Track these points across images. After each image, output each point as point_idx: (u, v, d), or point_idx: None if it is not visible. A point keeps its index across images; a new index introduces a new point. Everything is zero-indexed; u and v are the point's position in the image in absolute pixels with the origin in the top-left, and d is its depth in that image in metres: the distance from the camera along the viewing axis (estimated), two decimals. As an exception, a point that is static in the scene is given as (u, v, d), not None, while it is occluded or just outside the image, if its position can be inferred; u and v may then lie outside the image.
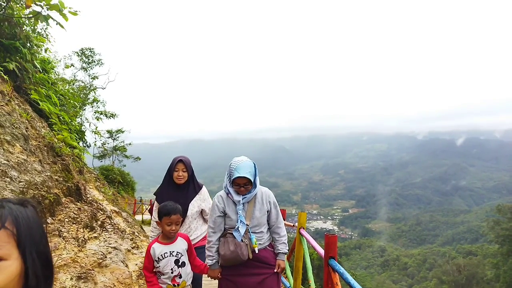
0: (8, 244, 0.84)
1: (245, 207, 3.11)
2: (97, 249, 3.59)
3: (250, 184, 3.05)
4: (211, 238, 3.16)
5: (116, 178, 19.31)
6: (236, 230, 3.06)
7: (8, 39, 5.38)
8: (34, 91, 5.53)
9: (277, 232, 3.21)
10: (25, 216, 0.91)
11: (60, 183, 3.95)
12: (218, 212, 3.14)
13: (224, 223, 3.17)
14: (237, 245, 3.00)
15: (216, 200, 3.18)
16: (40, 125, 4.85)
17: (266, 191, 3.25)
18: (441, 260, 57.12)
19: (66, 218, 3.60)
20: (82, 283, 3.07)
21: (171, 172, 3.68)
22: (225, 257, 3.04)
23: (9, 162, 3.28)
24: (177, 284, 2.98)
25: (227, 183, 3.14)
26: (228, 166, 3.14)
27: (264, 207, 3.15)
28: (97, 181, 6.57)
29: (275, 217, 3.21)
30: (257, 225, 3.12)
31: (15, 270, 0.84)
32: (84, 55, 23.36)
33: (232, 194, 3.10)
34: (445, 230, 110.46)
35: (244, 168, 3.01)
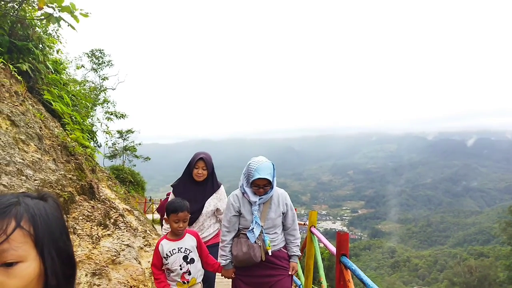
0: (24, 244, 0.78)
1: (260, 208, 3.07)
2: (110, 246, 3.64)
3: (269, 185, 3.01)
4: (225, 237, 3.14)
5: (127, 177, 19.48)
6: (250, 231, 3.03)
7: (21, 41, 5.46)
8: (47, 91, 5.61)
9: (292, 235, 3.17)
10: (43, 212, 0.84)
11: (74, 182, 4.01)
12: (233, 212, 3.11)
13: (239, 223, 3.13)
14: (250, 247, 2.97)
15: (231, 199, 3.16)
16: (53, 125, 4.93)
17: (283, 193, 3.21)
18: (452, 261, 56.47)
19: (80, 216, 3.66)
20: (97, 279, 3.12)
21: (191, 168, 3.63)
22: (237, 258, 3.02)
23: (24, 160, 3.34)
24: (186, 281, 2.98)
25: (244, 183, 3.10)
26: (246, 166, 3.10)
27: (279, 208, 3.11)
28: (109, 180, 6.64)
29: (292, 219, 3.18)
30: (272, 226, 3.09)
31: (33, 272, 0.79)
32: (94, 56, 23.62)
33: (248, 194, 3.06)
34: (456, 232, 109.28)
35: (264, 169, 2.98)
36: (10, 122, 3.64)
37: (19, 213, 0.80)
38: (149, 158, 27.78)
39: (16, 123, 3.69)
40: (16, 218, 0.79)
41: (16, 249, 0.76)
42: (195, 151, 3.85)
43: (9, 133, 3.48)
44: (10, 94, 4.09)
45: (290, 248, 3.17)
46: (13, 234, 0.77)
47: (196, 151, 3.82)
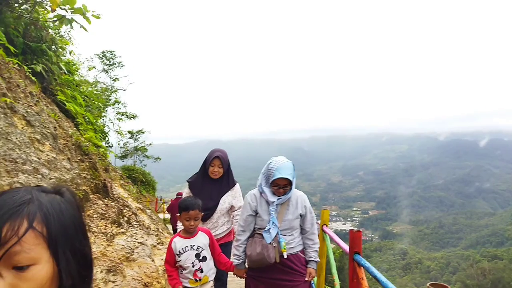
0: (37, 246, 0.73)
1: (277, 209, 3.00)
2: (124, 244, 3.68)
3: (289, 186, 2.95)
4: (240, 237, 3.09)
5: (138, 177, 19.66)
6: (266, 231, 2.95)
7: (34, 42, 5.54)
8: (61, 92, 5.69)
9: (310, 239, 3.07)
10: (58, 210, 0.79)
11: (88, 181, 4.07)
12: (250, 211, 3.06)
13: (255, 223, 3.08)
14: (264, 247, 2.90)
15: (248, 198, 3.11)
16: (67, 125, 5.00)
17: (302, 195, 3.13)
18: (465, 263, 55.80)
19: (94, 214, 3.71)
20: (112, 276, 3.16)
21: (207, 166, 3.63)
22: (251, 258, 2.96)
23: (40, 159, 3.40)
24: (198, 279, 2.99)
25: (263, 183, 3.06)
26: (266, 165, 3.05)
27: (297, 210, 3.03)
28: (122, 180, 6.72)
29: (311, 222, 3.09)
30: (289, 228, 3.01)
31: (47, 274, 0.74)
32: (105, 58, 23.88)
33: (266, 194, 3.00)
34: (468, 233, 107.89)
35: (285, 169, 2.91)
36: (26, 122, 3.70)
37: (32, 213, 0.75)
38: (160, 158, 27.99)
39: (32, 123, 3.75)
40: (28, 218, 0.74)
41: (29, 252, 0.72)
42: (205, 151, 3.85)
43: (25, 133, 3.54)
44: (25, 95, 4.16)
45: (308, 253, 3.07)
46: (25, 236, 0.72)
47: (206, 151, 3.82)
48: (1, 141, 3.04)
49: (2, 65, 3.94)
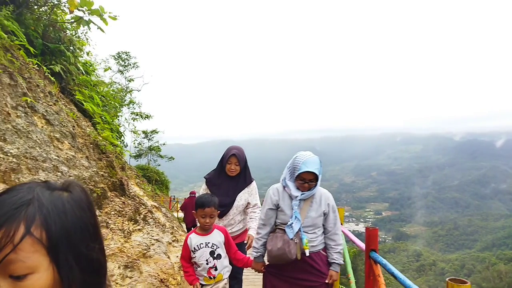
0: (34, 253, 0.66)
1: (300, 204, 2.91)
2: (141, 241, 3.75)
3: (315, 182, 2.87)
4: (260, 230, 3.05)
5: (153, 176, 19.88)
6: (289, 226, 2.86)
7: (53, 43, 5.65)
8: (78, 92, 5.81)
9: (333, 239, 2.96)
10: (61, 211, 0.71)
11: (106, 178, 4.15)
12: (271, 205, 3.00)
13: (276, 217, 3.02)
14: (286, 242, 2.81)
15: (270, 192, 3.05)
16: (85, 124, 5.10)
17: (326, 193, 3.05)
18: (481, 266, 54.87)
19: (112, 211, 3.79)
20: (129, 272, 3.23)
21: (224, 163, 3.65)
22: (271, 253, 2.89)
23: (59, 158, 3.48)
24: (213, 277, 2.99)
25: (287, 176, 2.98)
26: (292, 159, 2.95)
27: (321, 208, 2.94)
28: (137, 178, 6.82)
29: (333, 222, 2.98)
30: (311, 225, 2.91)
31: (46, 283, 0.67)
32: (121, 59, 24.19)
33: (290, 188, 2.93)
34: (484, 235, 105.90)
35: (312, 163, 2.82)
36: (45, 121, 3.80)
37: (30, 216, 0.67)
38: (173, 158, 28.20)
39: (51, 122, 3.84)
40: (26, 222, 0.66)
41: (25, 260, 0.65)
42: (217, 151, 3.88)
43: (45, 131, 3.64)
44: (44, 94, 4.27)
45: (330, 254, 2.96)
46: (21, 243, 0.65)
47: (218, 151, 3.85)
48: (22, 139, 3.13)
49: (22, 65, 4.05)
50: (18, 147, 3.00)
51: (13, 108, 3.29)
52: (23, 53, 4.31)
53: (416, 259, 77.70)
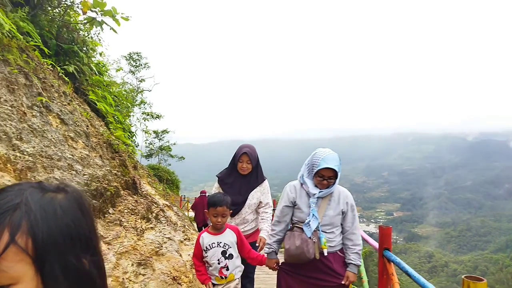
0: (18, 263, 0.61)
1: (318, 203, 2.84)
2: (153, 239, 3.79)
3: (334, 179, 2.80)
4: (274, 227, 3.01)
5: (164, 175, 20.03)
6: (306, 224, 2.79)
7: (66, 44, 5.73)
8: (92, 92, 5.88)
9: (350, 239, 2.87)
10: (51, 216, 0.66)
11: (119, 177, 4.20)
12: (288, 202, 2.95)
13: (292, 214, 2.96)
14: (304, 241, 2.74)
15: (287, 189, 2.99)
16: (98, 123, 5.17)
17: (345, 191, 2.96)
18: (494, 267, 54.08)
19: (125, 209, 3.84)
20: (142, 269, 3.27)
21: (236, 162, 3.65)
22: (289, 252, 2.82)
23: (74, 156, 3.54)
24: (224, 276, 2.97)
25: (305, 173, 2.92)
26: (311, 156, 2.89)
27: (339, 206, 2.86)
28: (149, 177, 6.88)
29: (351, 221, 2.88)
30: (329, 224, 2.84)
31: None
32: (132, 59, 24.41)
33: (308, 185, 2.86)
34: (498, 236, 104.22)
35: (332, 160, 2.75)
36: (60, 120, 3.86)
37: (15, 223, 0.62)
38: (184, 158, 28.35)
39: (65, 121, 3.91)
40: (10, 229, 0.61)
41: (8, 270, 0.60)
42: (227, 151, 3.87)
43: (59, 131, 3.70)
44: (59, 94, 4.34)
45: (347, 254, 2.87)
46: (5, 253, 0.60)
47: (228, 151, 3.85)
48: (37, 138, 3.19)
49: (37, 66, 4.12)
50: (34, 146, 3.06)
51: (29, 107, 3.36)
52: (38, 54, 4.39)
53: (428, 260, 76.89)
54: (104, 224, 3.42)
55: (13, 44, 3.65)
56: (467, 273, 64.98)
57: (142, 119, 22.59)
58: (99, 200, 3.48)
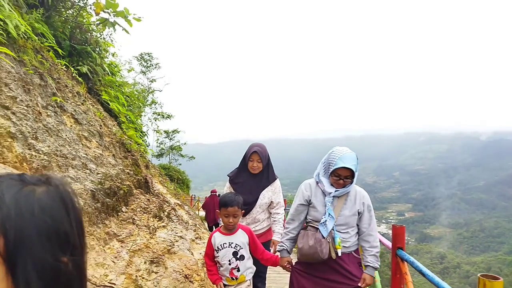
0: None
1: (334, 202, 2.79)
2: (166, 237, 3.83)
3: (350, 179, 2.74)
4: (288, 225, 2.96)
5: (175, 175, 20.18)
6: (322, 223, 2.74)
7: (80, 45, 5.82)
8: (104, 92, 5.96)
9: (367, 241, 2.81)
10: (27, 212, 0.60)
11: (131, 176, 4.25)
12: (302, 200, 2.90)
13: (307, 213, 2.92)
14: (317, 241, 2.69)
15: (302, 187, 2.94)
16: (111, 123, 5.23)
17: (362, 191, 2.91)
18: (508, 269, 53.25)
19: (138, 208, 3.89)
20: (155, 267, 3.31)
21: (246, 161, 3.62)
22: (302, 251, 2.77)
23: (88, 155, 3.59)
24: (235, 278, 2.95)
25: (321, 172, 2.86)
26: (327, 154, 2.83)
27: (355, 206, 2.80)
28: (160, 177, 6.95)
29: (368, 222, 2.83)
30: (344, 224, 2.78)
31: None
32: (143, 60, 24.62)
33: (324, 184, 2.80)
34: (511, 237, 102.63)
35: (349, 159, 2.68)
36: (74, 120, 3.93)
37: None
38: (194, 157, 28.50)
39: (79, 121, 3.97)
40: None
41: None
42: (237, 151, 3.82)
43: (73, 130, 3.76)
44: (73, 94, 4.40)
45: (364, 256, 2.83)
46: None
47: (239, 151, 3.82)
48: (52, 137, 3.25)
49: (52, 66, 4.19)
50: (49, 145, 3.12)
51: (44, 107, 3.42)
52: (52, 55, 4.46)
53: (440, 261, 76.02)
54: (117, 222, 3.47)
55: (29, 45, 3.72)
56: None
57: (153, 119, 22.81)
58: (113, 199, 3.53)
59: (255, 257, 3.12)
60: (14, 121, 2.85)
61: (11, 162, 2.66)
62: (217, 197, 11.65)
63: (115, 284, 2.86)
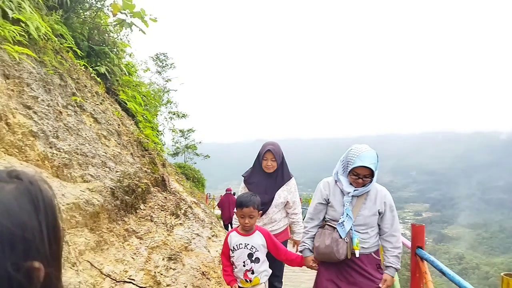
0: None
1: (353, 202, 2.71)
2: (183, 235, 3.88)
3: (370, 178, 2.65)
4: (307, 224, 2.91)
5: (190, 174, 20.35)
6: (340, 224, 2.67)
7: (97, 45, 5.92)
8: (122, 92, 6.06)
9: (390, 241, 2.72)
10: None
11: (149, 174, 4.32)
12: (321, 199, 2.83)
13: (325, 212, 2.85)
14: (334, 240, 2.63)
15: (321, 186, 2.88)
16: (128, 122, 5.32)
17: (383, 190, 2.80)
18: (530, 271, 51.92)
19: (155, 206, 3.95)
20: (173, 264, 3.36)
21: (260, 160, 3.55)
22: (318, 250, 2.73)
23: (107, 154, 3.67)
24: (249, 280, 2.88)
25: (340, 170, 2.78)
26: (346, 152, 2.76)
27: (375, 206, 2.71)
28: (177, 175, 7.03)
29: (390, 222, 2.73)
30: (363, 224, 2.70)
31: None
32: (159, 60, 24.87)
33: (342, 183, 2.72)
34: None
35: (368, 158, 2.59)
36: (93, 119, 4.01)
37: None
38: (209, 156, 28.66)
39: (98, 120, 4.05)
40: None
41: None
42: (252, 150, 3.73)
43: (93, 129, 3.83)
44: (92, 94, 4.49)
45: (386, 257, 2.73)
46: None
47: (253, 150, 3.74)
48: (73, 136, 3.32)
49: (71, 67, 4.28)
50: (70, 143, 3.19)
51: (64, 107, 3.50)
52: (71, 55, 4.56)
53: (458, 262, 74.62)
54: (136, 219, 3.53)
55: (49, 46, 3.81)
56: (499, 276, 62.89)
57: (169, 118, 23.03)
58: (131, 196, 3.59)
59: (274, 257, 3.04)
60: (36, 120, 2.93)
61: (33, 160, 2.73)
62: (232, 195, 11.70)
63: (135, 279, 2.91)
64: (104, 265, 2.74)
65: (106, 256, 2.83)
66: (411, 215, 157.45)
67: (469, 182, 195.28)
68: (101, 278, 2.62)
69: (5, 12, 3.10)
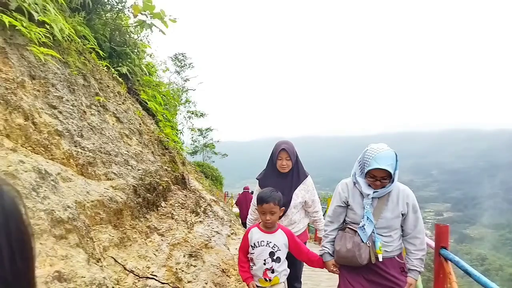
0: None
1: (373, 203, 2.59)
2: (203, 232, 3.93)
3: (388, 179, 2.52)
4: (327, 227, 2.82)
5: (209, 172, 20.53)
6: (361, 227, 2.57)
7: (119, 46, 6.03)
8: (143, 91, 6.16)
9: (413, 244, 2.60)
10: None
11: (169, 173, 4.39)
12: (340, 202, 2.73)
13: (345, 215, 2.75)
14: (356, 245, 2.54)
15: (339, 188, 2.77)
16: (149, 121, 5.41)
17: (406, 190, 2.66)
18: (556, 273, 50.29)
19: (176, 203, 4.02)
20: (193, 261, 3.41)
21: (274, 160, 3.43)
22: (339, 254, 2.64)
23: (129, 152, 3.75)
24: (268, 279, 2.80)
25: (357, 172, 2.67)
26: (362, 153, 2.64)
27: (398, 208, 2.58)
28: (196, 173, 7.11)
29: (413, 224, 2.60)
30: (386, 227, 2.58)
31: None
32: (177, 60, 25.14)
33: (361, 185, 2.61)
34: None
35: (384, 159, 2.46)
36: (116, 119, 4.10)
37: None
38: (227, 155, 28.86)
39: (121, 120, 4.14)
40: None
41: None
42: (269, 149, 3.57)
43: (115, 128, 3.92)
44: (114, 94, 4.59)
45: (409, 260, 2.62)
46: None
47: (270, 148, 3.55)
48: (96, 135, 3.41)
49: (94, 67, 4.38)
50: (94, 142, 3.27)
51: (88, 106, 3.59)
52: (94, 56, 4.66)
53: (481, 263, 72.79)
54: (157, 217, 3.60)
55: (72, 47, 3.91)
56: (525, 278, 60.45)
57: (187, 117, 23.27)
58: (153, 194, 3.66)
59: (294, 257, 2.98)
60: (61, 120, 3.01)
61: (58, 159, 2.82)
62: (250, 193, 11.74)
63: (157, 276, 2.97)
64: (128, 261, 2.80)
65: (129, 252, 2.90)
66: (432, 215, 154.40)
67: (492, 181, 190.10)
68: (125, 274, 2.68)
69: (31, 14, 3.20)
